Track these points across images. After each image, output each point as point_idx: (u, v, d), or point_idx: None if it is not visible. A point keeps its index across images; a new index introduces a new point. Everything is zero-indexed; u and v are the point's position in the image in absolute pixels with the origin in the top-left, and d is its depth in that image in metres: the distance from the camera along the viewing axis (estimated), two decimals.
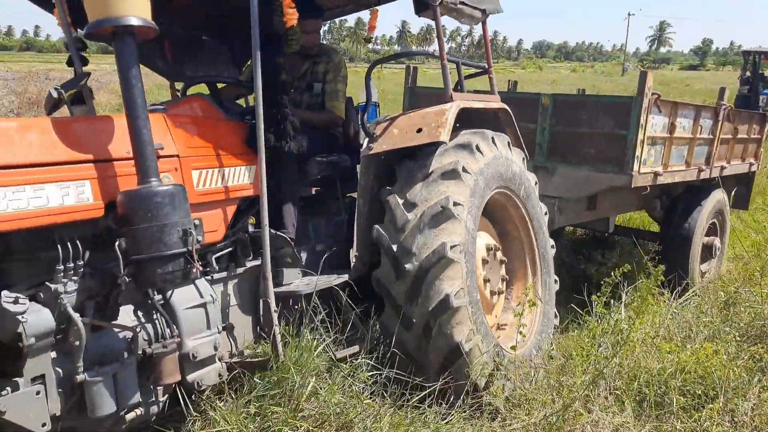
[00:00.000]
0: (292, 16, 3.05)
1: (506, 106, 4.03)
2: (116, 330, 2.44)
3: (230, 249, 3.07)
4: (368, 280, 3.35)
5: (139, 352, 2.46)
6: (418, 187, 3.28)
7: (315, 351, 2.95)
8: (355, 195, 3.65)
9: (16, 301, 2.12)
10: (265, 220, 2.86)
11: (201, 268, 2.60)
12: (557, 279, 4.25)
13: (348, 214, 3.84)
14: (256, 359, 2.92)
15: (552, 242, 4.22)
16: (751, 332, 3.93)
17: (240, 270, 3.10)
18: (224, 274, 3.03)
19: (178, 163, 2.77)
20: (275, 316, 2.89)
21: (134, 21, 2.31)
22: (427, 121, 3.39)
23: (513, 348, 3.44)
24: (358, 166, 3.52)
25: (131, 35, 2.37)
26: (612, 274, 3.56)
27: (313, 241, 3.70)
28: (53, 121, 2.42)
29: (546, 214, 4.22)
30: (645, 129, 4.57)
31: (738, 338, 3.82)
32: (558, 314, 4.15)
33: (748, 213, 8.71)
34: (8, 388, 2.12)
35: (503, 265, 3.87)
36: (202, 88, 3.52)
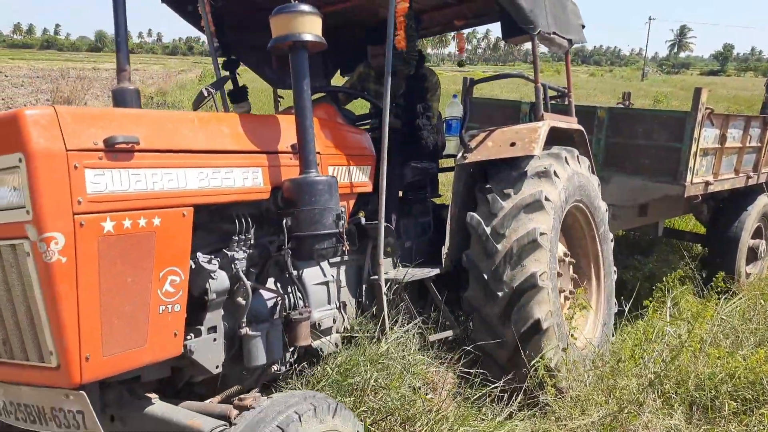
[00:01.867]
0: (404, 39, 3.39)
1: (581, 128, 4.33)
2: (268, 294, 2.85)
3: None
4: (456, 275, 3.73)
5: (282, 316, 2.85)
6: (506, 217, 3.54)
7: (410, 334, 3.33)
8: (436, 200, 4.21)
9: (209, 261, 2.51)
10: (382, 214, 3.28)
11: (348, 247, 2.96)
12: (616, 269, 4.49)
13: (432, 216, 4.32)
14: (367, 334, 3.29)
15: (611, 235, 4.46)
16: None
17: (348, 257, 3.41)
18: (337, 259, 3.32)
19: (320, 159, 3.08)
20: (385, 298, 3.32)
21: (308, 37, 2.68)
22: (521, 137, 3.69)
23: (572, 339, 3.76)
24: (440, 175, 4.04)
25: (305, 49, 2.73)
26: (664, 279, 3.63)
27: (403, 239, 4.01)
28: (240, 117, 2.86)
29: (607, 210, 4.44)
30: (698, 142, 4.78)
31: None
32: (618, 303, 4.39)
33: None
34: (192, 335, 2.48)
35: (571, 267, 4.14)
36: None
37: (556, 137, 4.08)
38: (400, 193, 4.25)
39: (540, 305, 3.42)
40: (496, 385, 3.31)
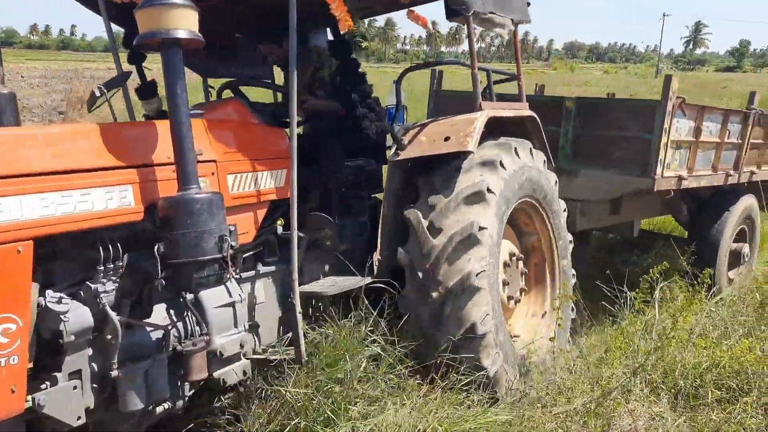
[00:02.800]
0: (347, 21, 3.17)
1: (533, 114, 4.08)
2: (149, 328, 2.53)
3: (259, 249, 3.15)
4: (390, 282, 3.38)
5: (170, 349, 2.55)
6: (443, 210, 3.32)
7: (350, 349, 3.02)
8: (379, 196, 3.83)
9: (59, 301, 2.23)
10: (294, 224, 2.92)
11: (235, 273, 2.73)
12: (574, 273, 4.34)
13: (370, 216, 3.94)
14: (281, 357, 3.01)
15: (570, 237, 4.31)
16: None
17: (267, 270, 3.18)
18: (252, 273, 3.10)
19: (215, 168, 2.88)
20: (300, 317, 2.95)
21: (181, 34, 2.43)
22: (456, 130, 3.43)
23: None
24: (385, 167, 3.59)
25: (178, 47, 2.48)
26: (650, 271, 3.71)
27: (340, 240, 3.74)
28: (100, 127, 2.52)
29: (564, 210, 4.27)
30: (669, 133, 4.58)
31: None
32: (576, 308, 4.24)
33: None
34: (47, 383, 2.21)
35: (522, 275, 3.97)
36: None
37: (511, 126, 3.92)
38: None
39: (476, 308, 3.22)
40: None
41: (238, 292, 2.88)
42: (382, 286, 3.33)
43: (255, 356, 3.01)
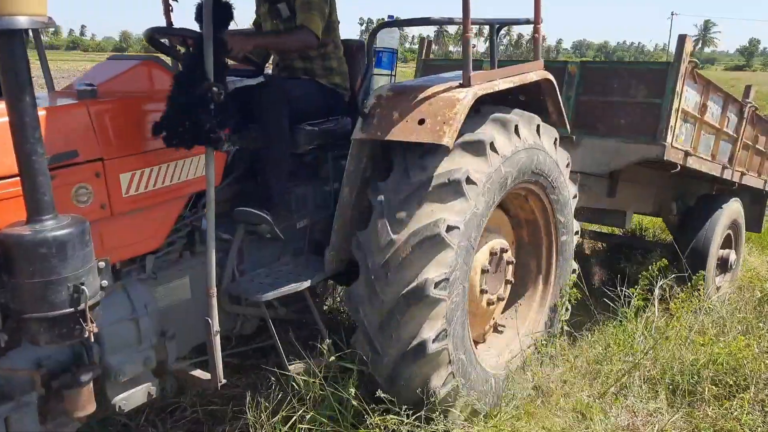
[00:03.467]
0: None
1: (549, 76, 3.58)
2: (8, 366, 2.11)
3: (177, 248, 2.82)
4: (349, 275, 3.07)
5: (42, 386, 2.17)
6: (410, 199, 2.86)
7: None
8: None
9: None
10: (211, 222, 2.47)
11: (94, 328, 1.97)
12: (576, 268, 3.97)
13: (340, 182, 3.27)
14: (197, 377, 2.76)
15: (578, 227, 3.94)
16: None
17: (190, 265, 2.81)
18: (171, 271, 2.75)
19: (102, 168, 2.35)
20: (217, 339, 2.53)
21: (23, 23, 1.73)
22: (433, 111, 2.86)
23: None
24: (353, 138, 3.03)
25: (19, 33, 1.81)
26: (650, 268, 3.76)
27: (294, 216, 3.29)
28: None
29: (575, 197, 3.87)
30: (681, 98, 4.35)
31: None
32: (570, 308, 3.87)
33: None
34: None
35: (510, 267, 3.58)
36: None
37: (524, 93, 3.50)
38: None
39: (429, 322, 2.79)
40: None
41: (145, 302, 2.52)
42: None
43: (167, 373, 2.70)
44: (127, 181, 2.44)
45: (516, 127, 3.18)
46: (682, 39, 4.35)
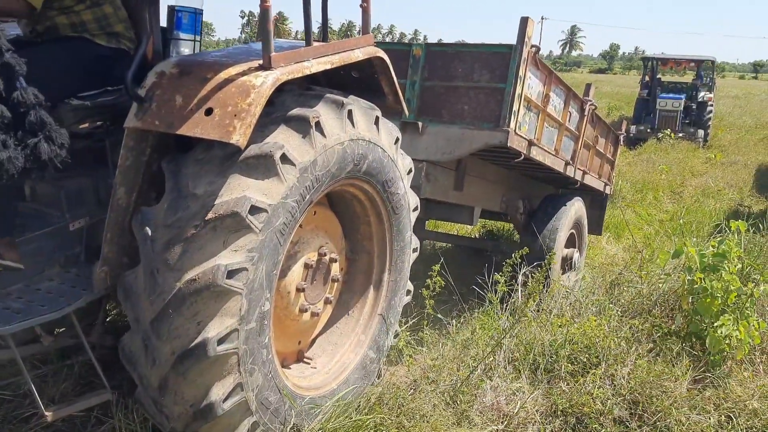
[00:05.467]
0: None
1: (380, 53, 3.19)
2: None
3: None
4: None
5: None
6: (212, 170, 2.40)
7: None
8: None
9: None
10: None
11: None
12: (411, 289, 3.68)
13: None
14: None
15: (416, 244, 3.65)
16: (631, 308, 4.45)
17: None
18: None
19: None
20: None
21: None
22: (224, 100, 2.37)
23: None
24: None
25: None
26: (513, 256, 3.97)
27: (66, 216, 2.71)
28: None
29: (416, 209, 3.57)
30: (523, 82, 4.25)
31: (620, 314, 4.31)
32: (399, 332, 3.64)
33: (642, 207, 9.53)
34: None
35: (334, 284, 3.27)
36: None
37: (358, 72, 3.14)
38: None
39: (215, 382, 2.39)
40: None
41: None
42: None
43: None
44: None
45: (350, 112, 2.82)
46: (524, 21, 4.20)
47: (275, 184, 2.43)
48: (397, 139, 3.30)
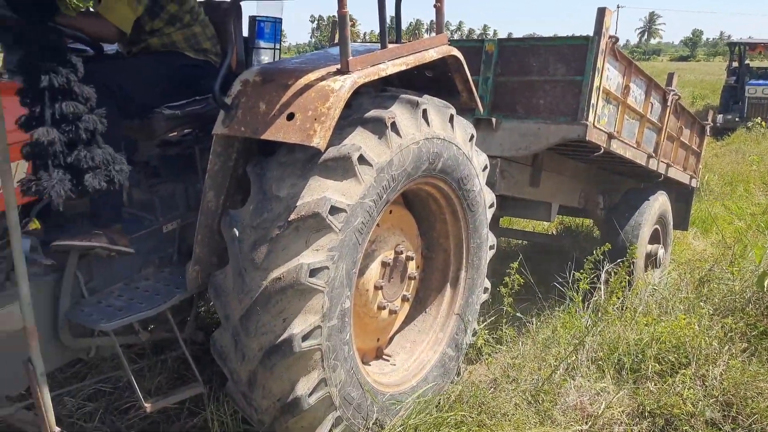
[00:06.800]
0: None
1: (454, 51, 3.19)
2: None
3: (3, 269, 2.40)
4: None
5: None
6: (293, 172, 2.49)
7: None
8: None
9: None
10: (18, 252, 2.01)
11: None
12: (488, 287, 3.68)
13: None
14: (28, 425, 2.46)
15: (493, 241, 3.63)
16: (723, 306, 4.24)
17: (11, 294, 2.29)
18: None
19: None
20: (43, 382, 2.13)
21: None
22: (305, 105, 2.44)
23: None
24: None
25: None
26: (594, 252, 3.88)
27: (159, 219, 2.91)
28: None
29: (492, 206, 3.56)
30: (602, 74, 4.13)
31: (711, 312, 4.13)
32: (478, 330, 3.62)
33: (732, 200, 9.05)
34: None
35: (411, 281, 3.29)
36: None
37: (431, 71, 3.13)
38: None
39: (301, 377, 2.49)
40: None
41: None
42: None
43: None
44: None
45: (425, 112, 2.84)
46: (601, 12, 4.09)
47: (353, 184, 2.50)
48: (472, 136, 3.29)
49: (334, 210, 2.42)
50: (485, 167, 3.44)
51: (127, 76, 2.40)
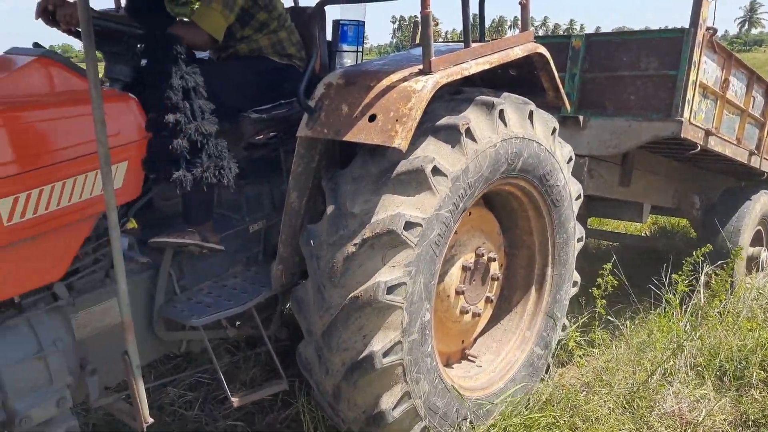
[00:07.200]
0: None
1: (540, 49, 3.10)
2: None
3: (103, 266, 2.48)
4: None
5: None
6: (367, 187, 2.48)
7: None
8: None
9: None
10: (117, 249, 2.09)
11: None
12: (578, 281, 3.55)
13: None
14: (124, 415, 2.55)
15: (581, 233, 3.48)
16: None
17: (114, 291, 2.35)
18: (94, 296, 2.43)
19: None
20: (138, 375, 2.22)
21: None
22: (386, 106, 2.42)
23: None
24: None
25: None
26: (694, 253, 3.70)
27: (246, 220, 3.02)
28: None
29: (579, 197, 3.41)
30: (698, 68, 3.94)
31: None
32: (568, 325, 3.55)
33: None
34: None
35: (495, 282, 3.23)
36: None
37: (516, 69, 3.07)
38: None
39: (384, 391, 2.49)
40: None
41: (54, 338, 2.23)
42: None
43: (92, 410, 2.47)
44: (8, 207, 1.99)
45: (501, 112, 2.75)
46: (698, 2, 3.91)
47: (428, 197, 2.46)
48: (554, 129, 3.15)
49: (409, 225, 2.39)
50: (570, 159, 3.30)
51: (217, 81, 2.48)
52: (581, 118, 4.12)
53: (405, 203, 2.41)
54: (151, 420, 2.30)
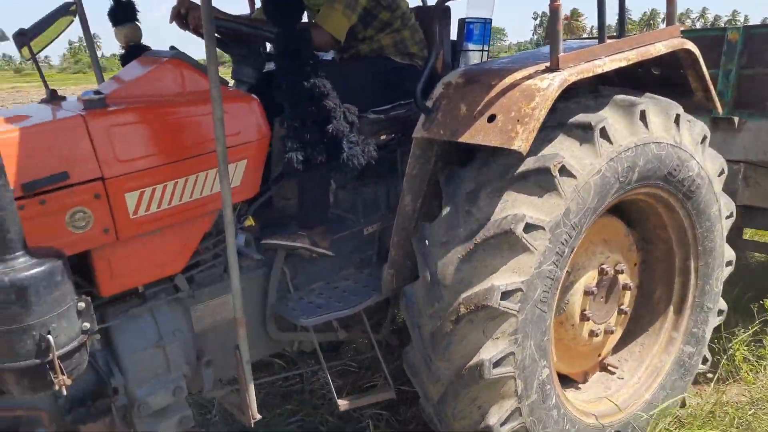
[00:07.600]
0: None
1: (688, 44, 2.81)
2: None
3: (222, 261, 2.56)
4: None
5: (51, 423, 2.11)
6: (487, 187, 2.36)
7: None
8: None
9: None
10: (231, 247, 2.14)
11: (67, 380, 1.80)
12: (724, 309, 3.21)
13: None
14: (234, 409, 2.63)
15: (731, 256, 3.14)
16: None
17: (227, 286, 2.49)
18: (213, 289, 2.53)
19: (102, 189, 2.08)
20: (248, 371, 2.26)
21: None
22: (507, 105, 2.26)
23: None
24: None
25: None
26: None
27: (361, 221, 3.01)
28: None
29: (730, 216, 3.08)
30: None
31: None
32: (709, 358, 3.21)
33: None
34: None
35: (626, 292, 2.99)
36: None
37: (661, 67, 2.85)
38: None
39: (493, 404, 2.36)
40: None
41: (174, 327, 2.36)
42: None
43: (209, 396, 2.60)
44: (134, 200, 2.14)
45: (643, 113, 2.52)
46: None
47: (553, 199, 2.28)
48: (705, 138, 2.87)
49: (530, 227, 2.23)
50: (722, 171, 3.00)
51: (338, 82, 2.46)
52: (736, 119, 3.78)
53: (527, 203, 2.26)
54: (258, 416, 2.32)
